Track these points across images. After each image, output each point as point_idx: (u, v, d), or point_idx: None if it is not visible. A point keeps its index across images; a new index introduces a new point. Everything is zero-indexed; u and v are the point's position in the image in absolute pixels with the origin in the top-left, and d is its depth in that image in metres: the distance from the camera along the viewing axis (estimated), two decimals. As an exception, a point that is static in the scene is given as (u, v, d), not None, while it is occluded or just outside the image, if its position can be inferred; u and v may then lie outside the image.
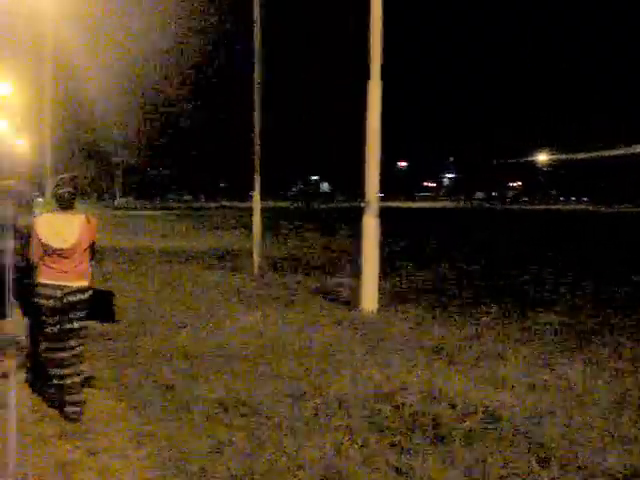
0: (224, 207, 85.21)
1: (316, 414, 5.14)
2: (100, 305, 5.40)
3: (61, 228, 5.08)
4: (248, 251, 16.16)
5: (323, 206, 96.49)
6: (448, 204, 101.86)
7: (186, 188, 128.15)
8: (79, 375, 5.27)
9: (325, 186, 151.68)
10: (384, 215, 10.14)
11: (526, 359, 6.91)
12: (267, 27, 16.44)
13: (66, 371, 5.18)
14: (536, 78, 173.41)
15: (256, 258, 15.03)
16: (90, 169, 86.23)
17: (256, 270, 14.57)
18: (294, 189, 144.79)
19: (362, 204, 10.17)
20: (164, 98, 74.00)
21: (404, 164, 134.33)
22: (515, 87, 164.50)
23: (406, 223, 35.88)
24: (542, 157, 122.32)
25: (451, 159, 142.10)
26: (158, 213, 62.02)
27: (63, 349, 5.16)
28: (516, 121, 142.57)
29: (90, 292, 5.24)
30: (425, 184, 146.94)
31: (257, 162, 15.54)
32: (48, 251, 5.07)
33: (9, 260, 5.49)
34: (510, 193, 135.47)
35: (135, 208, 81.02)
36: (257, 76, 15.56)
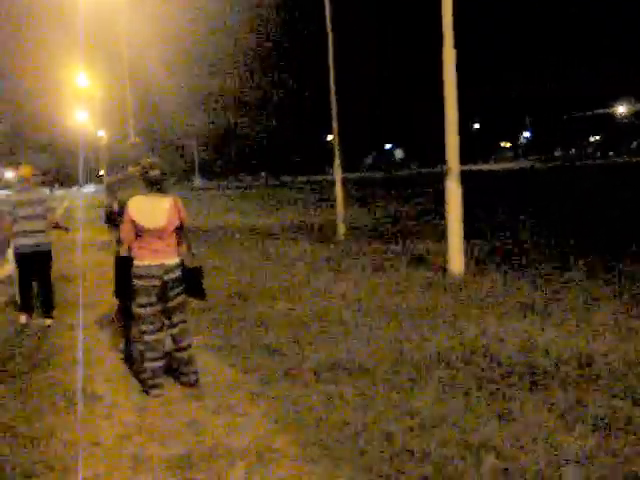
0: (290, 183, 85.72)
1: (418, 369, 5.49)
2: (190, 281, 5.64)
3: (152, 209, 5.39)
4: (332, 222, 16.52)
5: (399, 173, 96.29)
6: (525, 164, 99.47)
7: (261, 165, 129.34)
8: (189, 347, 5.65)
9: (399, 153, 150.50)
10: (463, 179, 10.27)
11: (614, 310, 7.06)
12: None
13: (175, 346, 5.61)
14: (609, 26, 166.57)
15: (340, 228, 15.42)
16: (167, 154, 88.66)
17: (342, 239, 14.96)
18: (369, 158, 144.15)
19: (442, 169, 10.36)
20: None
21: (477, 126, 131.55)
22: (588, 35, 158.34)
23: (486, 187, 35.47)
24: (621, 108, 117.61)
25: (527, 118, 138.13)
26: (236, 192, 63.24)
27: (161, 329, 5.54)
28: (591, 71, 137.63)
29: (182, 268, 5.56)
30: (501, 144, 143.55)
31: (336, 134, 15.82)
32: (141, 232, 5.38)
33: None
34: (589, 148, 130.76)
35: (213, 188, 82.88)
36: (331, 45, 15.78)
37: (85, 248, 15.56)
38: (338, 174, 15.79)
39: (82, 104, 52.66)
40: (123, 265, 5.83)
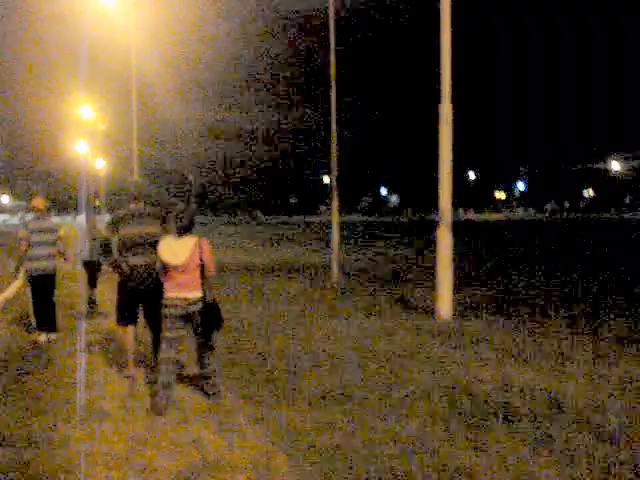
0: (287, 223, 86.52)
1: (402, 402, 5.99)
2: (208, 314, 6.27)
3: (177, 248, 6.13)
4: (326, 264, 17.01)
5: (394, 219, 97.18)
6: (518, 216, 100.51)
7: (256, 205, 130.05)
8: (215, 364, 6.42)
9: (394, 198, 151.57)
10: (456, 228, 10.83)
11: (589, 358, 7.58)
12: (343, 51, 17.30)
13: (206, 361, 6.33)
14: (609, 80, 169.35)
15: (335, 270, 15.91)
16: (167, 188, 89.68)
17: (335, 282, 15.45)
18: (363, 202, 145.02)
19: (435, 217, 10.91)
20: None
21: (473, 176, 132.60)
22: (586, 91, 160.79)
23: (478, 236, 36.12)
24: (615, 163, 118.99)
25: (522, 168, 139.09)
26: (230, 230, 63.85)
27: (178, 351, 6.28)
28: (586, 125, 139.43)
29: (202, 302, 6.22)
30: (496, 195, 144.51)
31: (334, 177, 16.37)
32: (167, 267, 6.14)
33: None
34: (582, 203, 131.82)
35: (207, 223, 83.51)
36: (333, 94, 16.42)
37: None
38: (335, 217, 16.26)
39: (83, 134, 53.50)
40: (125, 292, 6.82)
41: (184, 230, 6.20)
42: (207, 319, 6.24)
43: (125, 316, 7.07)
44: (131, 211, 7.08)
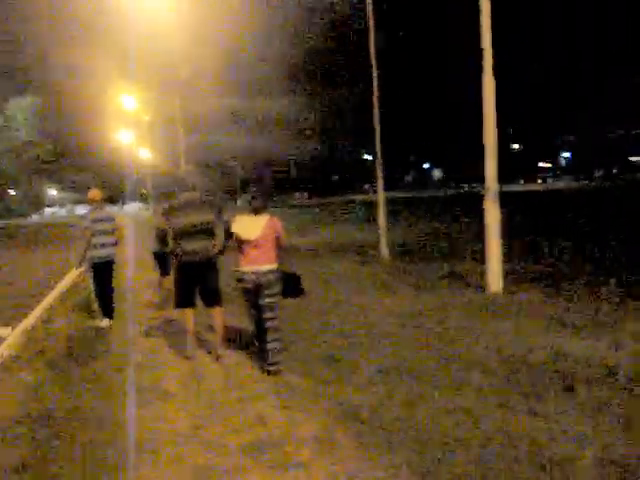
0: (329, 203, 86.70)
1: (458, 374, 6.10)
2: (290, 284, 7.04)
3: (250, 225, 6.69)
4: (374, 241, 17.07)
5: (439, 194, 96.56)
6: (564, 185, 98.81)
7: (302, 186, 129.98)
8: (277, 341, 6.67)
9: (438, 173, 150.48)
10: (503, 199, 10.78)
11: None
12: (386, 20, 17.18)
13: (267, 337, 6.64)
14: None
15: (384, 248, 15.99)
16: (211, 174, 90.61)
17: (384, 259, 15.55)
18: (408, 177, 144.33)
19: (480, 189, 10.91)
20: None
21: (517, 146, 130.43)
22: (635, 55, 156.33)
23: (526, 207, 35.72)
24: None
25: (567, 137, 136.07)
26: (277, 211, 64.32)
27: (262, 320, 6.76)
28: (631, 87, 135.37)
29: (278, 274, 6.70)
30: (541, 165, 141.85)
31: (379, 155, 16.39)
32: (240, 243, 6.69)
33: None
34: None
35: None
36: (374, 69, 16.41)
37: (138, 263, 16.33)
38: (381, 194, 16.33)
39: (128, 125, 54.17)
40: (182, 276, 7.20)
41: (260, 209, 6.76)
42: (288, 290, 6.96)
43: (183, 300, 7.36)
44: (185, 200, 7.36)
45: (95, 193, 9.80)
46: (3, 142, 63.56)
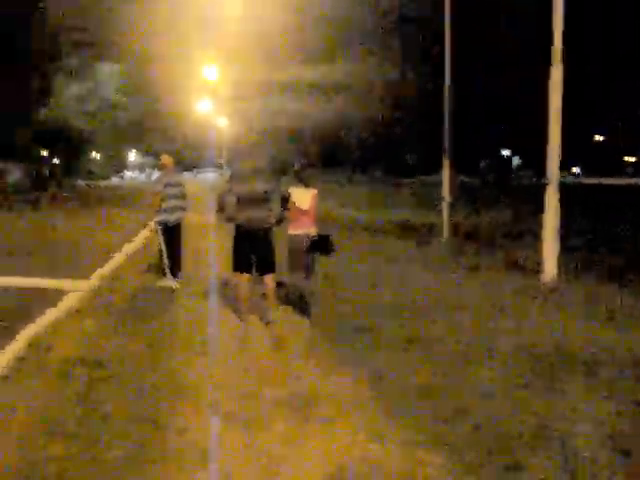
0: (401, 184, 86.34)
1: (487, 351, 6.39)
2: (322, 244, 8.30)
3: (303, 197, 8.11)
4: (438, 223, 17.27)
5: (515, 182, 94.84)
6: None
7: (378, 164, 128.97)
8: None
9: (516, 161, 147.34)
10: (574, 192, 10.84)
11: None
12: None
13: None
14: None
15: (445, 229, 16.18)
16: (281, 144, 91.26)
17: (445, 240, 15.75)
18: (483, 163, 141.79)
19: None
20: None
21: (601, 138, 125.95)
22: None
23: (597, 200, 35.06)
24: None
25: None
26: (349, 188, 64.68)
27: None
28: None
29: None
30: (626, 159, 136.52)
31: (447, 137, 16.53)
32: (296, 211, 8.04)
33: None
34: None
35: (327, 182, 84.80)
36: (448, 53, 16.51)
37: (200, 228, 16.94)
38: (446, 177, 16.50)
39: (208, 94, 55.18)
40: (240, 242, 7.58)
41: (308, 183, 8.33)
42: (324, 247, 8.34)
43: (239, 265, 7.69)
44: (246, 168, 7.69)
45: (166, 159, 10.33)
46: (89, 106, 65.53)
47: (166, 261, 10.01)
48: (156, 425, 4.64)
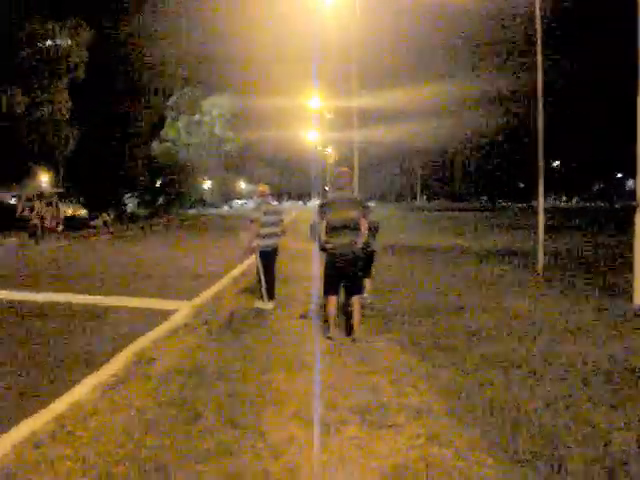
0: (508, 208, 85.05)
1: (559, 369, 6.65)
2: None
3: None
4: (533, 249, 17.29)
5: (626, 205, 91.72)
6: None
7: (485, 190, 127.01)
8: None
9: (630, 183, 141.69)
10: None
11: None
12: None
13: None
14: None
15: (540, 255, 16.17)
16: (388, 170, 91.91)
17: (539, 266, 15.76)
18: (596, 188, 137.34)
19: (634, 203, 10.98)
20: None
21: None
22: None
23: None
24: None
25: None
26: (456, 214, 64.53)
27: None
28: None
29: None
30: None
31: (540, 163, 16.53)
32: None
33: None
34: None
35: (431, 209, 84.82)
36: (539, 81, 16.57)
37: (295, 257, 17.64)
38: (541, 202, 16.48)
39: (313, 124, 56.48)
40: (329, 267, 8.27)
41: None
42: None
43: (329, 288, 8.40)
44: (336, 197, 8.47)
45: (264, 188, 11.07)
46: (198, 136, 68.16)
47: (263, 284, 10.60)
48: (241, 426, 5.20)
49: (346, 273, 8.28)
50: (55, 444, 4.85)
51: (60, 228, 34.77)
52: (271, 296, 10.67)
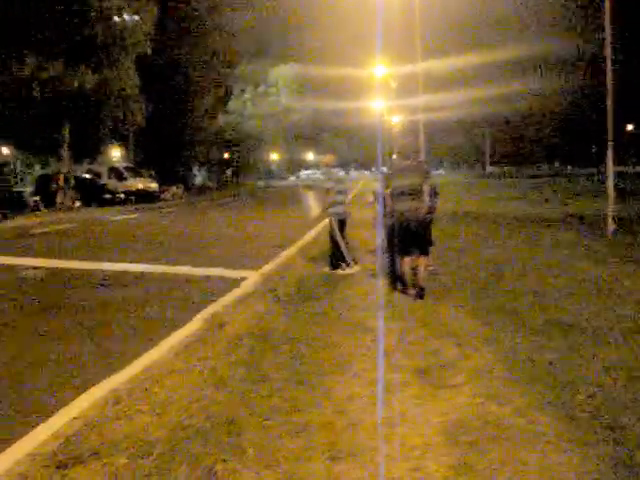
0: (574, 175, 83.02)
1: (619, 334, 6.70)
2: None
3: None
4: (603, 215, 17.06)
5: None
6: None
7: (558, 155, 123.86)
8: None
9: None
10: None
11: None
12: None
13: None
14: None
15: (609, 221, 15.95)
16: (455, 138, 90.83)
17: (609, 232, 15.57)
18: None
19: None
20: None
21: None
22: None
23: None
24: None
25: None
26: (525, 180, 63.50)
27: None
28: None
29: None
30: None
31: (610, 127, 16.24)
32: None
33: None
34: None
35: (501, 176, 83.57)
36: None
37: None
38: (610, 168, 16.25)
39: (379, 92, 56.17)
40: (398, 231, 8.93)
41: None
42: None
43: (400, 249, 9.04)
44: (400, 166, 9.05)
45: (330, 158, 11.37)
46: (265, 108, 68.72)
47: (344, 249, 10.94)
48: (306, 385, 5.45)
49: (413, 236, 8.79)
50: (133, 401, 5.20)
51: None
52: (351, 260, 10.93)
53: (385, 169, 11.02)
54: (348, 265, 10.85)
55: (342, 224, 11.04)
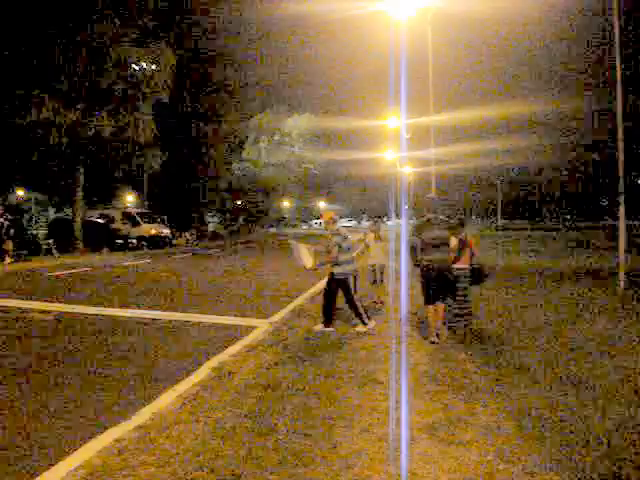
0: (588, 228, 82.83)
1: (630, 390, 6.60)
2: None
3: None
4: (613, 269, 17.00)
5: None
6: None
7: (566, 207, 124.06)
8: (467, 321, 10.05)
9: None
10: None
11: None
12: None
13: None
14: None
15: (620, 275, 15.87)
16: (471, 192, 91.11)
17: (619, 286, 15.47)
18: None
19: None
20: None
21: None
22: None
23: None
24: None
25: None
26: (535, 233, 63.41)
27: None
28: None
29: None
30: None
31: (621, 181, 16.27)
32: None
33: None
34: None
35: (512, 228, 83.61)
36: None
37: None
38: (622, 221, 16.21)
39: (391, 142, 56.69)
40: (425, 280, 9.40)
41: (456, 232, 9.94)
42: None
43: (427, 298, 9.48)
44: (429, 219, 9.52)
45: (329, 214, 10.87)
46: (278, 157, 69.37)
47: (360, 308, 10.60)
48: (314, 438, 5.40)
49: (438, 285, 9.36)
50: (138, 451, 5.16)
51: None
52: (329, 319, 10.66)
53: (414, 220, 11.13)
54: (365, 324, 10.55)
55: (348, 281, 10.57)
